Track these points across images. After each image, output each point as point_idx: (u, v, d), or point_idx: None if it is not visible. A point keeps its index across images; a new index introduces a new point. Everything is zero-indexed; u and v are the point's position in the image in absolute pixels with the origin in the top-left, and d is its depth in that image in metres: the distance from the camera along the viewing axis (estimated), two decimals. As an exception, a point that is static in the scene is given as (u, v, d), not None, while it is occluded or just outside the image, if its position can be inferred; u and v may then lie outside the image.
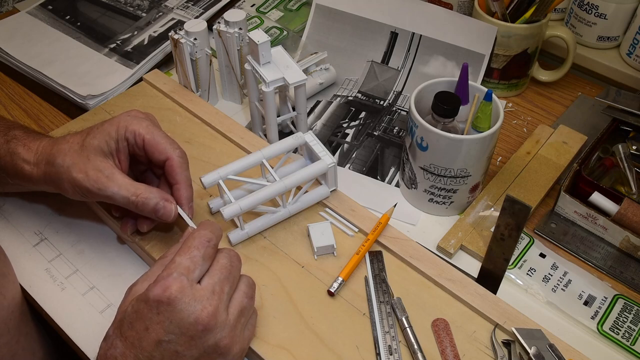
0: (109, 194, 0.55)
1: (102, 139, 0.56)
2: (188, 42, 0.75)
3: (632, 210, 0.64)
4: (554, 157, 0.75)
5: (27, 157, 0.58)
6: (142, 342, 0.44)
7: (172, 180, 0.58)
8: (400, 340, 0.54)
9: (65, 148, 0.56)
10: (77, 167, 0.55)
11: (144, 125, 0.57)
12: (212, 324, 0.45)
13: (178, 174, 0.57)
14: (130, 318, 0.45)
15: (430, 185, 0.67)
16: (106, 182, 0.55)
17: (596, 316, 0.61)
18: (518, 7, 0.80)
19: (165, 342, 0.44)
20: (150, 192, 0.55)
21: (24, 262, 0.63)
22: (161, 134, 0.58)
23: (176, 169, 0.57)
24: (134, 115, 0.58)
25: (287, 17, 0.99)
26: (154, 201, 0.55)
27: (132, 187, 0.55)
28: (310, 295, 0.57)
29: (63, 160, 0.56)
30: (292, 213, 0.63)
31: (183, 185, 0.58)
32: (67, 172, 0.55)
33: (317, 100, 0.85)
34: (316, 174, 0.62)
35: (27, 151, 0.58)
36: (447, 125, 0.65)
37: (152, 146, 0.57)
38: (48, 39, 0.90)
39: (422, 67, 0.86)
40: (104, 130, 0.57)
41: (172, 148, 0.57)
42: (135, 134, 0.57)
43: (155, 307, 0.44)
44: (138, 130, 0.57)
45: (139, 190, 0.55)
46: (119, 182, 0.55)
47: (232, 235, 0.61)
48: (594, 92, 0.88)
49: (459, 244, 0.66)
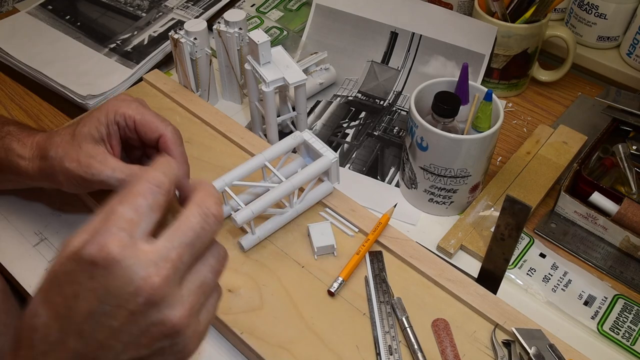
0: (103, 179, 0.53)
1: (92, 126, 0.55)
2: (188, 42, 0.75)
3: (632, 210, 0.64)
4: (554, 157, 0.75)
5: (22, 153, 0.57)
6: (71, 312, 0.36)
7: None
8: (400, 340, 0.54)
9: (58, 140, 0.56)
10: (69, 157, 0.54)
11: (133, 106, 0.56)
12: (156, 297, 0.35)
13: (172, 149, 0.56)
14: (58, 281, 0.36)
15: (430, 185, 0.67)
16: (99, 167, 0.53)
17: (596, 316, 0.61)
18: (518, 7, 0.80)
19: (98, 313, 0.35)
20: (144, 172, 0.54)
21: (24, 262, 0.63)
22: (151, 113, 0.56)
23: (170, 144, 0.56)
24: (122, 99, 0.57)
25: (287, 17, 0.99)
26: None
27: (127, 168, 0.54)
28: (310, 295, 0.57)
29: (55, 152, 0.55)
30: (299, 212, 0.63)
31: (178, 161, 0.56)
32: (59, 164, 0.55)
33: (317, 100, 0.85)
34: (321, 170, 0.62)
35: (22, 147, 0.58)
36: (447, 125, 0.65)
37: (143, 126, 0.56)
38: (48, 39, 0.90)
39: (422, 67, 0.86)
40: (93, 117, 0.56)
41: (163, 125, 0.56)
42: (125, 116, 0.56)
43: (88, 269, 0.35)
44: (127, 112, 0.56)
45: (134, 171, 0.54)
46: (112, 165, 0.54)
47: (244, 242, 0.60)
48: (594, 92, 0.88)
49: (459, 244, 0.66)
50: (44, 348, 0.36)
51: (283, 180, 0.60)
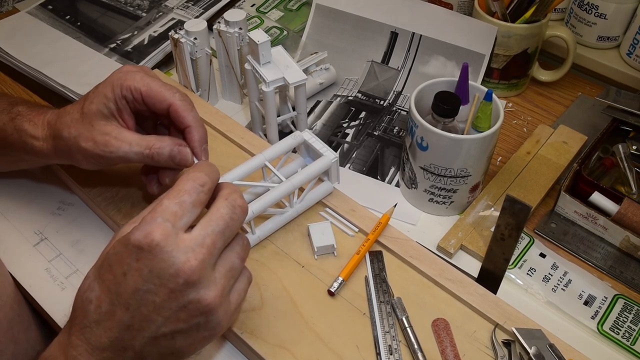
0: (121, 155, 0.53)
1: (99, 103, 0.54)
2: (188, 41, 0.75)
3: (632, 210, 0.64)
4: (554, 157, 0.75)
5: (35, 134, 0.57)
6: (119, 288, 0.42)
7: (181, 125, 0.55)
8: (400, 340, 0.54)
9: (68, 120, 0.55)
10: (84, 137, 0.54)
11: (138, 78, 0.55)
12: (194, 278, 0.41)
13: (184, 116, 0.54)
14: (109, 261, 0.43)
15: (430, 185, 0.67)
16: (116, 144, 0.53)
17: (596, 316, 0.61)
18: (518, 7, 0.80)
19: (143, 290, 0.41)
20: (162, 142, 0.53)
21: (24, 262, 0.63)
22: (157, 83, 0.55)
23: (181, 112, 0.54)
24: (126, 71, 0.56)
25: (287, 17, 0.99)
26: (168, 149, 0.53)
27: (144, 141, 0.54)
28: (311, 295, 0.57)
29: (69, 132, 0.54)
30: (299, 212, 0.63)
31: (194, 127, 0.54)
32: (75, 144, 0.54)
33: (317, 100, 0.85)
34: (321, 170, 0.62)
35: (33, 127, 0.57)
36: (447, 125, 0.65)
37: (150, 97, 0.54)
38: (48, 39, 0.90)
39: (422, 67, 0.86)
40: (99, 93, 0.55)
41: (170, 93, 0.54)
42: (131, 89, 0.54)
43: (134, 252, 0.41)
44: (133, 85, 0.54)
45: (151, 142, 0.53)
46: (128, 139, 0.53)
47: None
48: (594, 92, 0.88)
49: (459, 244, 0.66)
50: (96, 317, 0.42)
51: (283, 180, 0.60)
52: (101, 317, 0.42)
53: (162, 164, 0.54)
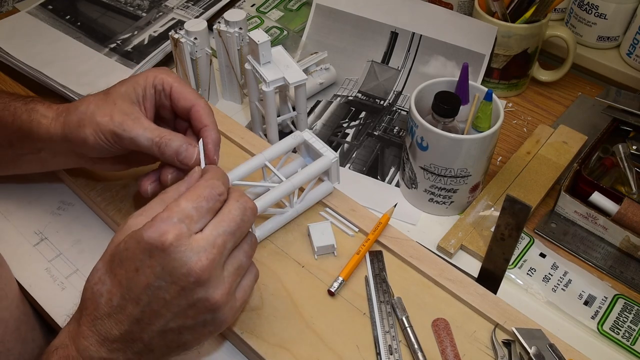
0: (133, 136, 0.54)
1: (129, 86, 0.56)
2: (188, 41, 0.75)
3: (632, 210, 0.64)
4: (554, 157, 0.75)
5: (46, 113, 0.58)
6: (131, 283, 0.43)
7: (200, 125, 0.56)
8: (400, 340, 0.54)
9: (90, 98, 0.56)
10: (102, 111, 0.55)
11: (173, 75, 0.58)
12: (204, 278, 0.43)
13: (205, 117, 0.56)
14: (121, 255, 0.44)
15: (430, 185, 0.67)
16: (132, 124, 0.54)
17: (596, 316, 0.61)
18: (518, 7, 0.80)
19: (154, 287, 0.43)
20: (174, 135, 0.55)
21: (24, 262, 0.63)
22: (188, 85, 0.58)
23: (203, 114, 0.56)
24: (163, 69, 0.59)
25: (287, 17, 0.99)
26: (177, 143, 0.54)
27: (157, 130, 0.55)
28: (311, 295, 0.57)
29: (87, 107, 0.55)
30: (299, 212, 0.63)
31: (211, 127, 0.56)
32: (90, 117, 0.55)
33: (317, 100, 0.85)
34: (321, 170, 0.62)
35: (47, 108, 0.58)
36: (447, 125, 0.65)
37: (179, 93, 0.57)
38: (48, 39, 0.90)
39: (422, 67, 0.86)
40: (131, 79, 0.57)
41: (197, 97, 0.57)
42: (163, 81, 0.57)
43: (148, 250, 0.42)
44: (167, 78, 0.57)
45: (163, 133, 0.54)
46: (144, 124, 0.54)
47: None
48: (594, 92, 0.88)
49: (459, 244, 0.66)
50: (107, 310, 0.43)
51: (283, 180, 0.60)
52: (112, 310, 0.43)
53: (167, 158, 0.55)
